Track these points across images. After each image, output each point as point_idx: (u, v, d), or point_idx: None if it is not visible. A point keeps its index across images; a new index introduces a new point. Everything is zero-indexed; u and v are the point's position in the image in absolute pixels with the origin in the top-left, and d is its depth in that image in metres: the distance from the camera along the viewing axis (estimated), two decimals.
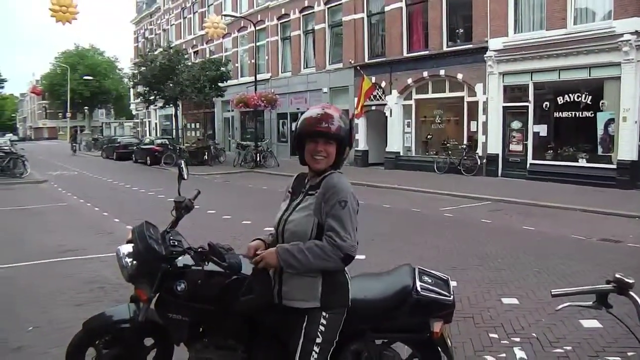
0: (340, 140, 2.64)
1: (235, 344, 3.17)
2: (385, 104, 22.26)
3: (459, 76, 19.09)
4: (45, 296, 6.00)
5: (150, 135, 43.94)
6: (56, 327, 4.98)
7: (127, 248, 3.24)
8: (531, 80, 17.11)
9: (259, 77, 27.68)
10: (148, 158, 28.08)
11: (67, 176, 22.52)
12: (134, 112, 58.93)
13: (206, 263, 3.00)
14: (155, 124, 48.02)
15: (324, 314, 2.65)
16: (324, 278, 2.64)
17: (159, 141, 30.73)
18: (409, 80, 21.09)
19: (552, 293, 2.36)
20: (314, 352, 2.61)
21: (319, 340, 2.63)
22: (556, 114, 16.51)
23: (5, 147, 23.45)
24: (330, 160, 2.66)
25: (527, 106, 17.18)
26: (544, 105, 16.82)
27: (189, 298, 3.09)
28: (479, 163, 18.38)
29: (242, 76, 33.08)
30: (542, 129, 16.97)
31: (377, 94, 22.68)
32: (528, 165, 17.27)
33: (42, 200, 14.47)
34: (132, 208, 12.83)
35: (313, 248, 2.53)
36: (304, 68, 27.88)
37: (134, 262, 3.18)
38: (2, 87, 61.38)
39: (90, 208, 13.08)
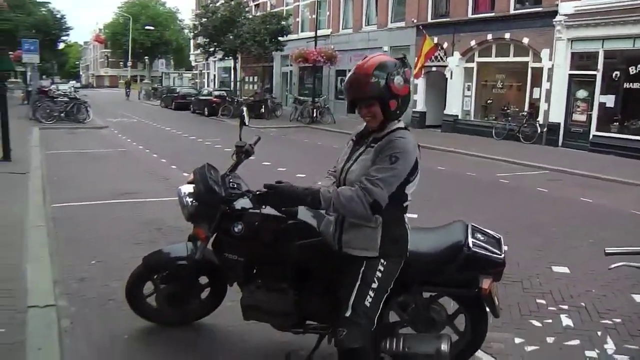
0: (380, 98, 2.57)
1: (286, 287, 3.28)
2: (446, 66, 21.71)
3: (525, 40, 18.33)
4: (106, 234, 6.33)
5: (208, 86, 44.49)
6: (116, 263, 5.25)
7: (188, 188, 3.37)
8: (602, 47, 16.22)
9: (320, 32, 27.36)
10: (205, 109, 28.49)
11: (126, 123, 23.21)
12: (193, 64, 59.66)
13: (264, 207, 3.08)
14: (214, 75, 48.51)
15: (382, 261, 2.69)
16: (384, 229, 2.67)
17: (217, 93, 30.99)
18: (472, 43, 20.44)
19: (606, 251, 2.33)
20: (369, 296, 2.67)
21: (374, 285, 2.68)
22: (626, 85, 15.66)
23: (70, 93, 24.30)
24: (378, 117, 2.63)
25: (595, 75, 16.37)
26: (613, 75, 15.97)
27: (245, 240, 3.20)
28: (539, 131, 17.81)
29: (302, 31, 32.66)
30: (609, 100, 16.17)
31: (439, 55, 22.12)
32: (591, 136, 16.60)
33: (103, 145, 15.03)
34: (189, 156, 13.16)
35: (346, 191, 2.54)
36: (365, 25, 27.35)
37: (194, 202, 3.30)
38: (68, 35, 62.87)
39: (148, 154, 13.51)
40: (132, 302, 3.83)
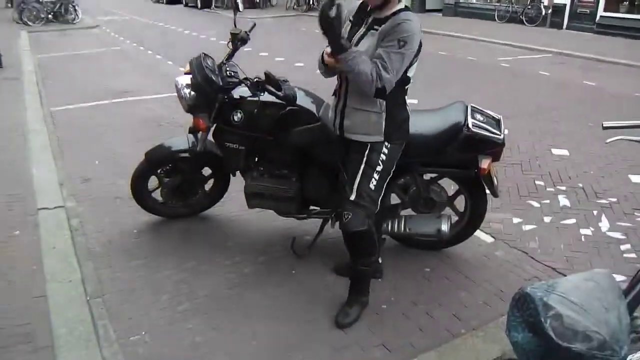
0: None
1: (288, 173, 3.33)
2: None
3: None
4: (106, 134, 6.32)
5: None
6: (119, 161, 5.31)
7: (185, 79, 3.32)
8: None
9: None
10: (198, 1, 27.38)
11: (118, 21, 22.44)
12: None
13: (262, 93, 3.05)
14: None
15: (386, 143, 2.70)
16: (387, 114, 2.65)
17: None
18: None
19: (604, 125, 2.32)
20: (373, 179, 2.71)
21: (379, 168, 2.71)
22: None
23: None
24: None
25: None
26: None
27: (245, 127, 3.21)
28: (543, 13, 17.18)
29: None
30: None
31: None
32: (598, 17, 15.99)
33: (96, 45, 14.61)
34: (185, 51, 12.79)
35: (366, 64, 2.45)
36: None
37: (193, 92, 3.26)
38: None
39: (143, 52, 13.18)
40: (138, 197, 3.90)
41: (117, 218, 4.14)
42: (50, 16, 19.45)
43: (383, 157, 2.71)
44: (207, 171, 3.92)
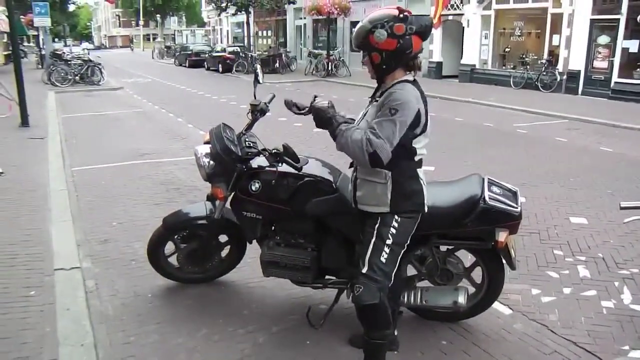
0: (364, 49, 2.62)
1: (304, 243, 3.33)
2: (463, 14, 21.18)
3: None
4: (125, 196, 6.41)
5: (222, 43, 44.02)
6: (137, 224, 5.37)
7: (204, 148, 3.39)
8: None
9: None
10: (220, 66, 28.27)
11: (141, 83, 23.19)
12: (205, 20, 58.96)
13: (280, 164, 3.10)
14: (227, 31, 47.93)
15: (396, 217, 2.71)
16: (394, 185, 2.67)
17: (230, 49, 30.61)
18: None
19: (621, 205, 2.32)
20: (384, 252, 2.70)
21: (389, 241, 2.71)
22: None
23: (83, 56, 24.21)
24: (369, 69, 2.68)
25: (619, 19, 15.81)
26: (638, 19, 15.39)
27: (262, 197, 3.24)
28: (558, 79, 17.43)
29: None
30: (633, 45, 15.61)
31: (455, 2, 21.56)
32: (612, 83, 16.18)
33: (119, 106, 15.06)
34: (205, 114, 13.17)
35: (356, 133, 2.56)
36: None
37: (211, 162, 3.33)
38: None
39: (164, 114, 13.54)
40: (154, 262, 3.92)
41: (132, 281, 4.15)
42: (77, 78, 20.24)
43: (393, 230, 2.71)
44: (223, 238, 3.94)
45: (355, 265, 2.89)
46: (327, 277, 3.46)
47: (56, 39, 49.13)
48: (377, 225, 2.72)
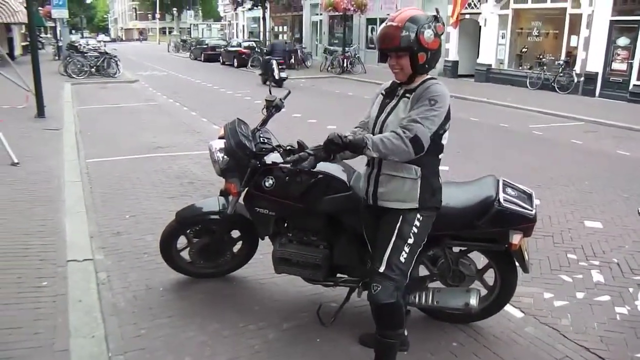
0: (410, 50, 2.56)
1: (317, 240, 3.33)
2: (480, 13, 21.02)
3: None
4: (139, 188, 6.45)
5: (237, 37, 44.13)
6: (150, 217, 5.40)
7: (219, 143, 3.40)
8: None
9: None
10: (235, 60, 28.30)
11: (157, 76, 23.31)
12: (221, 14, 59.15)
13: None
14: (243, 26, 48.06)
15: (418, 215, 2.71)
16: (423, 181, 2.68)
17: (246, 44, 30.68)
18: None
19: (639, 210, 2.28)
20: (404, 251, 2.70)
21: (410, 240, 2.70)
22: None
23: (99, 48, 24.40)
24: (406, 70, 2.62)
25: (639, 21, 15.62)
26: None
27: (275, 194, 3.24)
28: (575, 81, 17.26)
29: None
30: None
31: (472, 2, 21.41)
32: (631, 86, 15.97)
33: (134, 99, 15.14)
34: (220, 108, 13.20)
35: (387, 134, 2.54)
36: None
37: (225, 157, 3.33)
38: None
39: (179, 107, 13.60)
40: (166, 255, 3.94)
41: (144, 274, 4.16)
42: (93, 70, 20.39)
43: (415, 229, 2.70)
44: (236, 233, 3.94)
45: (367, 264, 2.88)
46: (338, 275, 3.45)
47: (73, 31, 49.59)
48: (398, 224, 2.70)
